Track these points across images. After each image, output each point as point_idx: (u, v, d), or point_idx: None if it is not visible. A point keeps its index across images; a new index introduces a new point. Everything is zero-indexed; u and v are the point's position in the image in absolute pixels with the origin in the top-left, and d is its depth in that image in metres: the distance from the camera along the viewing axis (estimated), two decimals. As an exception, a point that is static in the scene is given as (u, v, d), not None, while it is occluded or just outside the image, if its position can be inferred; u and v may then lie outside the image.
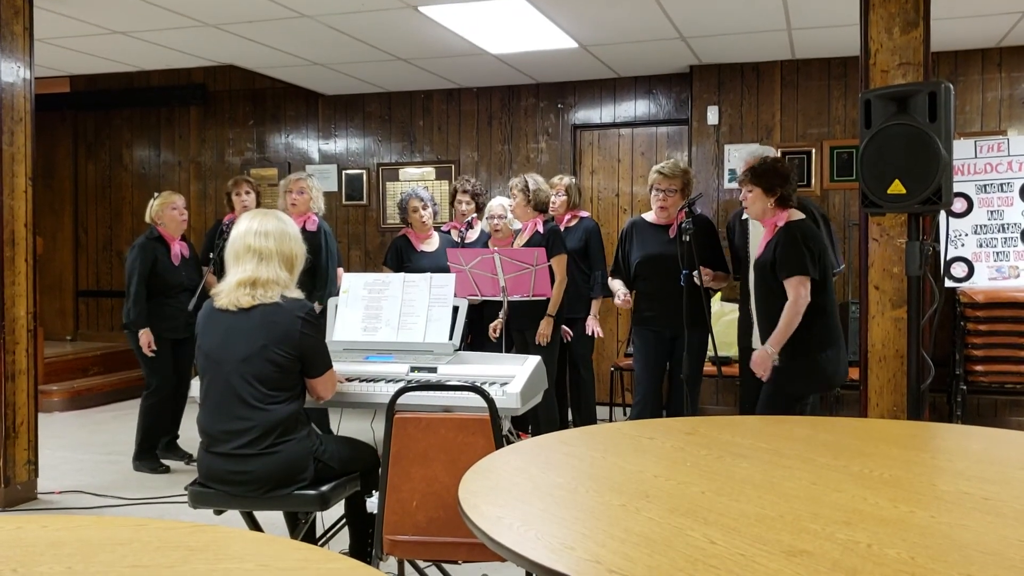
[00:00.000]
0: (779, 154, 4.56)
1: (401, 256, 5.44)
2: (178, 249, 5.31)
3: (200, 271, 5.45)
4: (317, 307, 4.83)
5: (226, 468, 2.87)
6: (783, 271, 3.73)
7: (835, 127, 6.42)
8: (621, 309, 4.75)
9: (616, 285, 4.69)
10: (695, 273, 4.19)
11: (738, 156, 5.69)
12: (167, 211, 5.26)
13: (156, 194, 5.40)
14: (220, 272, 3.12)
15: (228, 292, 2.91)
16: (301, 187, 5.32)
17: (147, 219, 5.32)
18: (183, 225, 5.35)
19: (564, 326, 5.15)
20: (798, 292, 3.70)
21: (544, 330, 4.97)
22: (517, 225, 5.24)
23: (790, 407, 3.75)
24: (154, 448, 5.33)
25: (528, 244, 5.02)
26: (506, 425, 3.58)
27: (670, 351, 4.63)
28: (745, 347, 4.37)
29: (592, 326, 5.16)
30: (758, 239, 4.08)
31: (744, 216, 4.39)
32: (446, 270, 4.50)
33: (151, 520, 1.77)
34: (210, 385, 2.91)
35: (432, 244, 5.49)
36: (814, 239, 3.78)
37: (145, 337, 5.10)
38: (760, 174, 3.84)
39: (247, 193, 5.68)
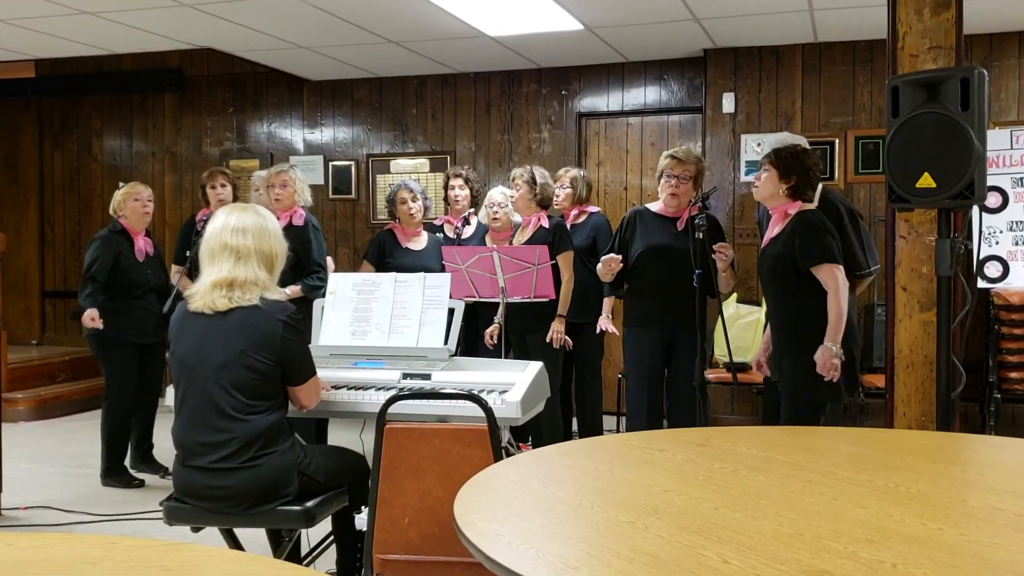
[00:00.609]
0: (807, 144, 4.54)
1: (383, 251, 5.36)
2: (142, 244, 5.31)
3: (165, 269, 5.44)
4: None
5: (203, 483, 2.88)
6: (808, 260, 3.74)
7: (860, 115, 6.43)
8: (618, 306, 4.71)
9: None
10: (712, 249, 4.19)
11: (764, 144, 5.68)
12: (129, 202, 5.25)
13: (121, 184, 5.41)
14: (195, 273, 3.11)
15: (203, 294, 2.91)
16: (284, 180, 5.21)
17: (110, 211, 5.33)
18: (146, 218, 5.35)
19: (566, 335, 5.13)
20: (835, 279, 3.72)
21: (557, 328, 4.95)
22: (517, 218, 5.22)
23: (815, 417, 3.76)
24: (122, 460, 5.33)
25: (531, 240, 5.00)
26: (505, 436, 3.59)
27: (667, 356, 4.47)
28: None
29: (604, 325, 5.09)
30: None
31: None
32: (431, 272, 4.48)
33: (124, 538, 1.78)
34: (185, 394, 2.91)
35: (419, 243, 5.40)
36: (830, 229, 3.82)
37: (89, 314, 5.01)
38: (782, 157, 3.89)
39: (223, 186, 5.66)
